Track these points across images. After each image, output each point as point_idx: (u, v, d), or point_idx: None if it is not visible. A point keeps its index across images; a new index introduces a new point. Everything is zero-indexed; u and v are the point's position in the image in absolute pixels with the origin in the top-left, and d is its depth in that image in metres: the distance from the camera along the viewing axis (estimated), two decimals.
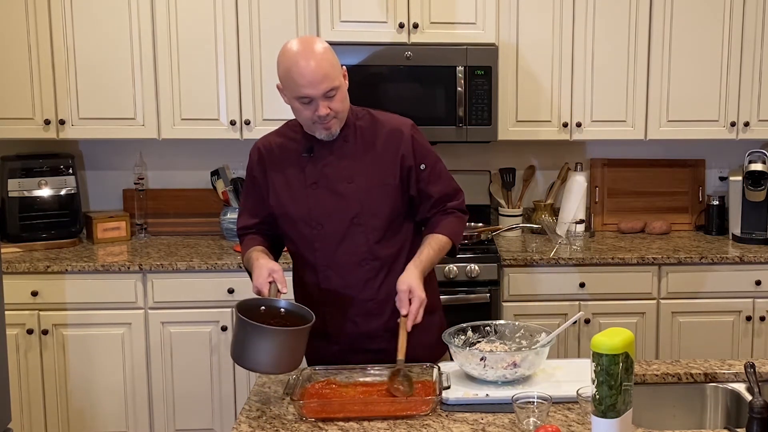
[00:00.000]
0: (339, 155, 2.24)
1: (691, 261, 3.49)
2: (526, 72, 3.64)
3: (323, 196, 2.23)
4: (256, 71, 3.57)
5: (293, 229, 2.28)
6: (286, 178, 2.27)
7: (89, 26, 3.49)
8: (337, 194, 2.23)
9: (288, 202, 2.26)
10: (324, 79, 2.11)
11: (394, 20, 3.47)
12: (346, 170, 2.24)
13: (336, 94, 2.15)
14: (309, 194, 2.24)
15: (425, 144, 2.32)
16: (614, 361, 1.60)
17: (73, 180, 3.70)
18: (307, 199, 2.24)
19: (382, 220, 2.25)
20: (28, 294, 3.29)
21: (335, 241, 2.23)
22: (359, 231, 2.23)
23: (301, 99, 2.15)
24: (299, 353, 2.02)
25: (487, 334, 2.18)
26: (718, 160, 4.11)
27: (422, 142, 2.31)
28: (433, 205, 2.31)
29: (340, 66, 2.19)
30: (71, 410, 3.38)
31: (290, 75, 2.14)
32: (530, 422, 1.78)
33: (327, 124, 2.17)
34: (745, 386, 2.06)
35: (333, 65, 2.14)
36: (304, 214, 2.25)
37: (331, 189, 2.23)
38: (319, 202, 2.24)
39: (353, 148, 2.25)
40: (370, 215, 2.23)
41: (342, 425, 1.84)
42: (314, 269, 2.28)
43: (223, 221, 3.79)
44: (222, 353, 3.39)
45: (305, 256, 2.30)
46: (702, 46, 3.68)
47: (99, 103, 3.54)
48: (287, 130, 2.35)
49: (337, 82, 2.14)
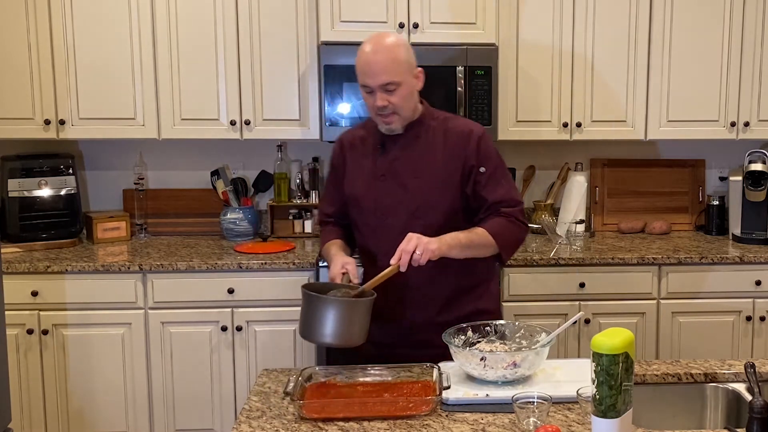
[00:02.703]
0: (408, 151, 2.34)
1: (691, 261, 3.49)
2: (526, 72, 3.64)
3: (390, 188, 2.34)
4: (256, 71, 3.57)
5: (360, 217, 2.41)
6: (361, 168, 2.40)
7: (89, 26, 3.49)
8: (402, 187, 2.33)
9: (359, 191, 2.38)
10: (383, 72, 2.21)
11: (394, 20, 3.47)
12: (412, 165, 2.33)
13: (396, 89, 2.24)
14: (377, 185, 2.36)
15: (490, 149, 2.36)
16: (614, 361, 1.60)
17: (73, 180, 3.70)
18: (376, 189, 2.36)
19: (439, 216, 2.32)
20: (28, 294, 3.29)
21: (396, 232, 2.27)
22: (418, 224, 2.29)
23: (364, 87, 2.29)
24: (362, 326, 2.10)
25: (487, 334, 2.18)
26: (718, 160, 4.11)
27: (488, 147, 2.36)
28: (487, 208, 2.35)
29: (412, 65, 2.29)
30: (71, 410, 3.38)
31: (357, 63, 2.30)
32: (530, 422, 1.78)
33: (386, 118, 2.29)
34: (745, 386, 2.06)
35: (397, 62, 2.24)
36: (371, 204, 2.36)
37: (397, 182, 2.34)
38: (385, 194, 2.35)
39: (422, 145, 2.34)
40: (429, 210, 2.32)
41: (342, 425, 1.84)
42: (375, 258, 2.37)
43: (223, 221, 3.79)
44: (222, 353, 3.40)
45: (369, 246, 2.41)
46: (702, 46, 3.68)
47: (99, 103, 3.54)
48: (369, 123, 2.45)
49: (399, 79, 2.23)
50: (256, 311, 3.39)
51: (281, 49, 3.56)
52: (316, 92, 3.57)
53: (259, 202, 3.97)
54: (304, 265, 3.36)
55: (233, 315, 3.38)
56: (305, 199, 3.89)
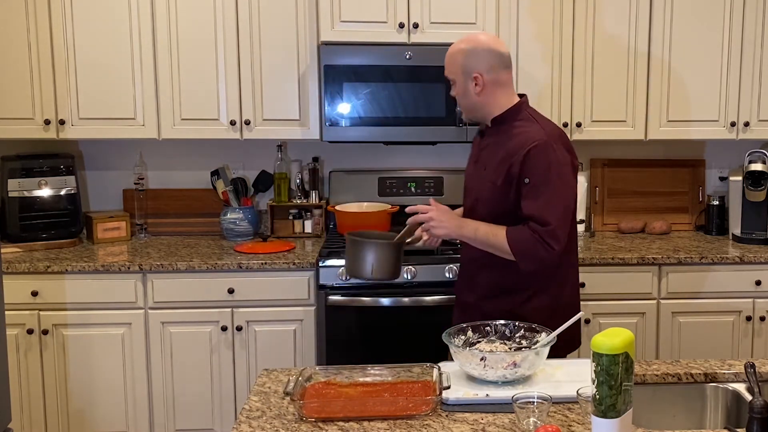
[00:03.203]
0: (489, 144, 2.49)
1: (691, 261, 3.49)
2: (526, 72, 3.64)
3: (472, 173, 2.57)
4: (256, 71, 3.57)
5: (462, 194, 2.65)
6: (473, 150, 2.62)
7: (89, 26, 3.49)
8: (477, 176, 2.52)
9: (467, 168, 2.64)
10: (445, 66, 2.50)
11: (394, 20, 3.47)
12: (485, 159, 2.48)
13: (453, 85, 2.50)
14: (469, 169, 2.61)
15: (540, 162, 2.33)
16: (614, 361, 1.60)
17: (73, 180, 3.70)
18: (467, 170, 2.62)
19: (485, 213, 2.44)
20: (28, 294, 3.29)
21: (465, 214, 2.56)
22: (474, 215, 2.48)
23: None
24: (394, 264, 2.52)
25: (487, 334, 2.18)
26: (718, 160, 4.11)
27: (538, 159, 2.33)
28: (521, 219, 2.35)
29: (467, 69, 2.43)
30: (71, 410, 3.38)
31: None
32: (530, 422, 1.78)
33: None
34: (745, 386, 2.06)
35: (453, 62, 2.46)
36: (464, 183, 2.63)
37: (477, 170, 2.53)
38: (469, 177, 2.59)
39: (495, 142, 2.47)
40: (480, 204, 2.47)
41: (342, 425, 1.84)
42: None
43: (223, 221, 3.79)
44: (222, 353, 3.40)
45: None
46: (702, 46, 3.68)
47: (99, 103, 3.54)
48: None
49: (452, 76, 2.48)
50: (256, 311, 3.39)
51: (281, 49, 3.56)
52: (316, 92, 3.57)
53: (259, 202, 3.97)
54: (304, 265, 3.36)
55: (233, 315, 3.38)
56: (305, 199, 3.89)
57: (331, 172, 3.94)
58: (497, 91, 2.44)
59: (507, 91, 2.47)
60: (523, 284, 2.43)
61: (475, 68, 2.41)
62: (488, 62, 2.42)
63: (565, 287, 2.50)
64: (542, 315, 2.36)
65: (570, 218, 2.40)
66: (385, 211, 3.68)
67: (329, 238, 3.67)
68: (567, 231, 2.35)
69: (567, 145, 2.42)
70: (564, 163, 2.36)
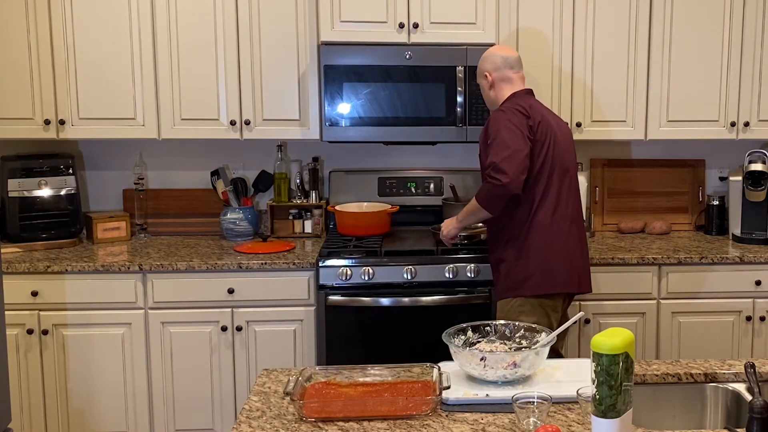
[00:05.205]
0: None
1: (691, 261, 3.49)
2: (526, 72, 3.60)
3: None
4: (256, 71, 3.57)
5: None
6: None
7: (89, 26, 3.49)
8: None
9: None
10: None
11: (394, 20, 3.47)
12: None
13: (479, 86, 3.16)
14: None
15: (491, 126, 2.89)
16: (614, 361, 1.60)
17: (73, 180, 3.70)
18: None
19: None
20: (28, 294, 3.29)
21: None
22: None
23: None
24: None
25: (487, 334, 2.19)
26: (718, 160, 4.11)
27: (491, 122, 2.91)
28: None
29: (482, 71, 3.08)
30: (71, 410, 3.38)
31: None
32: (530, 422, 1.78)
33: None
34: (745, 386, 2.06)
35: (478, 67, 3.12)
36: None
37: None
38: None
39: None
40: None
41: (342, 425, 1.84)
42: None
43: (223, 221, 3.79)
44: (222, 353, 3.40)
45: None
46: (702, 46, 3.68)
47: (99, 103, 3.54)
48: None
49: (478, 79, 3.14)
50: (256, 311, 3.39)
51: (281, 49, 3.56)
52: (316, 92, 3.57)
53: (259, 202, 3.97)
54: (304, 265, 3.36)
55: (233, 315, 3.38)
56: (305, 199, 3.89)
57: (331, 172, 3.94)
58: (504, 87, 3.04)
59: (513, 86, 3.04)
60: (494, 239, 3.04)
61: (486, 68, 3.07)
62: (495, 63, 3.04)
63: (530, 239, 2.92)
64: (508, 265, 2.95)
65: (522, 161, 2.79)
66: (385, 211, 3.69)
67: (329, 238, 3.67)
68: (516, 168, 2.77)
69: (525, 112, 2.89)
70: (514, 121, 2.85)
